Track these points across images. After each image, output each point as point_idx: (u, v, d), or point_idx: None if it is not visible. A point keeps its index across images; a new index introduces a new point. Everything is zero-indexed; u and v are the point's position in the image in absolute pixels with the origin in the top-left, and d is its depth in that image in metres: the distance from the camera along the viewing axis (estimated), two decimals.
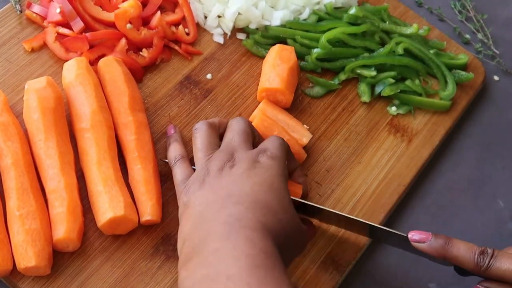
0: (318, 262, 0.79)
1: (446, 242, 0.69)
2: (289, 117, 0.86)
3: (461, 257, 0.68)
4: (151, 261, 0.75)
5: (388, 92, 0.92)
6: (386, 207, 0.85)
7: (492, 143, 0.97)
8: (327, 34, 0.92)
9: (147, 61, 0.87)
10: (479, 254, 0.67)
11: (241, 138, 0.72)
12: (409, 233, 0.71)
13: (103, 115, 0.77)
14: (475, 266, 0.67)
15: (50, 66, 0.84)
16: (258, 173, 0.67)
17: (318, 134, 0.88)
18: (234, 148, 0.71)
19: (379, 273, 0.83)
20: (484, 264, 0.67)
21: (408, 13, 1.04)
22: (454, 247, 0.69)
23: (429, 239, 0.70)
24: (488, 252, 0.67)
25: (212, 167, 0.69)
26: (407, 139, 0.91)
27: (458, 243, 0.69)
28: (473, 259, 0.67)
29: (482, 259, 0.67)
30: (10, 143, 0.73)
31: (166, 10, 0.93)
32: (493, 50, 1.06)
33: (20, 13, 0.88)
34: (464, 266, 0.68)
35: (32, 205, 0.70)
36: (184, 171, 0.73)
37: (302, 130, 0.85)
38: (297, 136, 0.84)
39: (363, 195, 0.85)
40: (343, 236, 0.81)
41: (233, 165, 0.69)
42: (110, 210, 0.71)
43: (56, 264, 0.72)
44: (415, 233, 0.71)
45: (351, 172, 0.86)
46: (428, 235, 0.70)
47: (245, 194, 0.65)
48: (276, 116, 0.85)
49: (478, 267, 0.67)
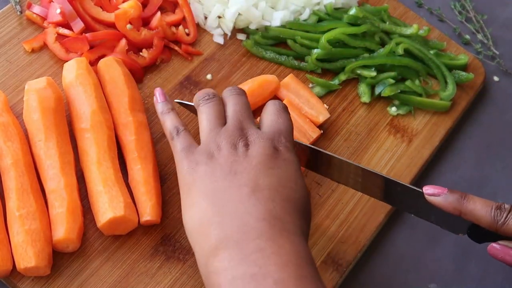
0: (318, 262, 0.79)
1: (462, 196, 0.67)
2: (311, 94, 0.89)
3: (477, 211, 0.66)
4: (151, 262, 0.75)
5: (388, 92, 0.92)
6: (386, 207, 0.85)
7: (492, 144, 0.97)
8: (327, 34, 0.92)
9: (147, 61, 0.87)
10: (495, 208, 0.65)
11: (245, 109, 0.70)
12: (423, 187, 0.69)
13: (103, 116, 0.77)
14: (491, 221, 0.65)
15: (50, 66, 0.85)
16: (281, 165, 0.65)
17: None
18: (242, 122, 0.68)
19: (379, 273, 0.83)
20: (501, 219, 0.65)
21: (408, 13, 1.04)
22: (470, 201, 0.66)
23: (444, 193, 0.68)
24: (505, 207, 0.65)
25: (222, 142, 0.66)
26: (407, 140, 0.91)
27: (474, 198, 0.67)
28: (490, 214, 0.65)
29: (499, 214, 0.65)
30: (10, 144, 0.73)
31: (166, 10, 0.93)
32: (493, 51, 1.06)
33: (20, 13, 0.88)
34: (480, 221, 0.66)
35: (32, 206, 0.70)
36: (187, 141, 0.69)
37: (321, 108, 0.88)
38: (314, 114, 0.87)
39: (363, 195, 0.84)
40: (343, 236, 0.81)
41: (247, 144, 0.66)
42: (110, 211, 0.71)
43: (56, 265, 0.72)
44: (429, 187, 0.69)
45: None
46: (443, 189, 0.68)
47: (275, 190, 0.63)
48: (298, 91, 0.88)
49: (495, 221, 0.65)
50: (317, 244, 0.80)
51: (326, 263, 0.79)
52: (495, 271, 0.85)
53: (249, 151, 0.65)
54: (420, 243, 0.86)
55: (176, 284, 0.74)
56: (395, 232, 0.86)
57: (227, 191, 0.62)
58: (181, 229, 0.77)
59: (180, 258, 0.75)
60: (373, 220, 0.83)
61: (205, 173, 0.64)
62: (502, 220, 0.65)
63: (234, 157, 0.65)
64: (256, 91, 0.86)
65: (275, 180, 0.64)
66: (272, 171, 0.64)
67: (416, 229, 0.87)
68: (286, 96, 0.88)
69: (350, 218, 0.83)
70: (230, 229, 0.60)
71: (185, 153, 0.67)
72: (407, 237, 0.86)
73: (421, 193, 0.69)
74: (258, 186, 0.62)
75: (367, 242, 0.82)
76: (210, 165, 0.65)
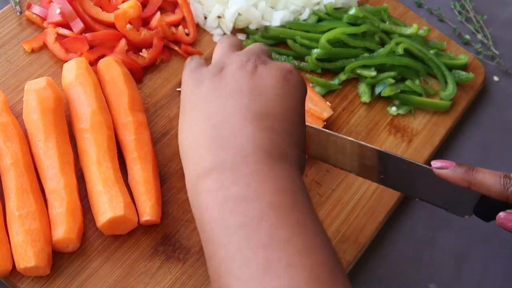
0: None
1: (470, 168, 0.67)
2: (313, 92, 0.89)
3: (486, 182, 0.66)
4: (151, 262, 0.75)
5: (388, 92, 0.92)
6: (386, 207, 0.85)
7: (492, 144, 0.97)
8: (327, 34, 0.92)
9: (147, 61, 0.87)
10: (504, 177, 0.66)
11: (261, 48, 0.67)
12: (431, 162, 0.69)
13: (102, 116, 0.77)
14: (502, 189, 0.65)
15: (50, 66, 0.85)
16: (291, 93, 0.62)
17: None
18: (259, 52, 0.65)
19: (379, 273, 0.83)
20: (511, 186, 0.65)
21: (408, 13, 1.04)
22: (479, 172, 0.67)
23: (453, 165, 0.68)
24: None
25: (233, 59, 0.63)
26: (407, 139, 0.91)
27: (483, 169, 0.67)
28: (500, 182, 0.66)
29: (508, 181, 0.66)
30: (10, 144, 0.73)
31: (166, 10, 0.93)
32: (493, 51, 1.06)
33: (20, 14, 0.88)
34: (491, 190, 0.66)
35: (32, 206, 0.70)
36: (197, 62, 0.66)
37: (324, 105, 0.88)
38: (318, 110, 0.87)
39: (363, 195, 0.84)
40: (343, 236, 0.81)
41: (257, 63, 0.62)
42: (109, 210, 0.71)
43: (56, 264, 0.72)
44: (437, 161, 0.68)
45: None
46: (451, 162, 0.68)
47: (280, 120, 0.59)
48: None
49: (505, 189, 0.65)
50: None
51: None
52: (495, 271, 0.85)
53: (258, 70, 0.62)
54: (420, 243, 0.86)
55: (176, 284, 0.74)
56: (395, 232, 0.86)
57: (230, 115, 0.59)
58: (181, 229, 0.77)
59: (180, 258, 0.75)
60: (373, 220, 0.83)
61: (208, 90, 0.61)
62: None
63: (242, 72, 0.61)
64: None
65: (280, 109, 0.60)
66: (280, 100, 0.61)
67: (416, 229, 0.87)
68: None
69: (350, 218, 0.83)
70: (226, 154, 0.57)
71: (192, 72, 0.64)
72: (407, 237, 0.86)
73: (428, 170, 0.69)
74: (262, 113, 0.59)
75: (367, 242, 0.82)
76: (216, 80, 0.61)
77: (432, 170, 0.69)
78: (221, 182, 0.56)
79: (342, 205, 0.84)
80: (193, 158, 0.59)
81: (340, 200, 0.84)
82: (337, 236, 0.81)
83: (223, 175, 0.56)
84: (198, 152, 0.59)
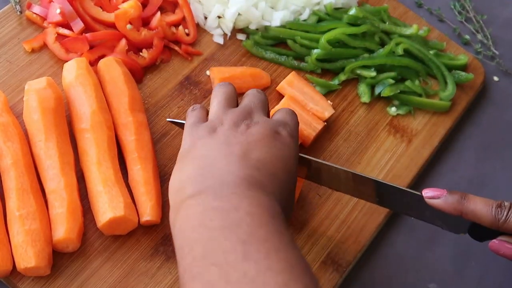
0: (318, 262, 0.79)
1: (462, 196, 0.67)
2: (315, 91, 0.89)
3: (479, 211, 0.66)
4: (151, 262, 0.75)
5: (388, 92, 0.92)
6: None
7: (492, 144, 0.97)
8: (327, 34, 0.92)
9: (147, 61, 0.87)
10: (496, 207, 0.66)
11: (260, 104, 0.71)
12: (422, 190, 0.69)
13: (103, 116, 0.77)
14: (493, 219, 0.66)
15: (50, 66, 0.85)
16: (278, 146, 0.66)
17: (318, 135, 0.88)
18: (252, 110, 0.69)
19: (379, 273, 0.83)
20: (503, 217, 0.65)
21: (408, 13, 1.04)
22: (470, 201, 0.67)
23: (444, 195, 0.68)
24: (505, 205, 0.66)
25: (227, 119, 0.67)
26: (407, 140, 0.92)
27: (474, 197, 0.67)
28: (491, 212, 0.66)
29: (500, 212, 0.66)
30: (10, 144, 0.73)
31: (166, 10, 0.93)
32: (492, 51, 1.06)
33: (20, 13, 0.88)
34: (482, 220, 0.66)
35: (32, 206, 0.70)
36: (199, 115, 0.71)
37: (326, 104, 0.88)
38: (320, 110, 0.87)
39: None
40: (343, 236, 0.81)
41: (250, 125, 0.67)
42: (110, 211, 0.71)
43: (56, 265, 0.72)
44: (428, 190, 0.69)
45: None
46: (442, 191, 0.68)
47: (264, 163, 0.63)
48: (302, 88, 0.88)
49: (496, 220, 0.66)
50: (317, 244, 0.80)
51: (326, 263, 0.79)
52: (495, 271, 0.85)
53: (249, 130, 0.66)
54: (420, 243, 0.86)
55: (176, 284, 0.74)
56: (395, 232, 0.86)
57: (215, 158, 0.63)
58: None
59: None
60: (372, 220, 0.83)
61: (201, 145, 0.65)
62: (503, 218, 0.65)
63: (233, 132, 0.66)
64: (246, 78, 0.89)
65: (267, 156, 0.64)
66: (266, 149, 0.65)
67: (416, 229, 0.87)
68: (290, 93, 0.88)
69: (350, 218, 0.83)
70: (209, 183, 0.60)
71: (191, 129, 0.68)
72: (407, 237, 0.86)
73: (420, 196, 0.69)
74: (247, 156, 0.63)
75: (367, 242, 0.82)
76: (208, 140, 0.66)
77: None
78: (202, 199, 0.58)
79: (342, 205, 0.84)
80: (178, 191, 0.62)
81: (340, 200, 0.84)
82: (337, 236, 0.81)
83: (204, 194, 0.59)
84: (183, 186, 0.62)
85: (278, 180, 0.63)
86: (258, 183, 0.61)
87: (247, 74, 0.89)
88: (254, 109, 0.70)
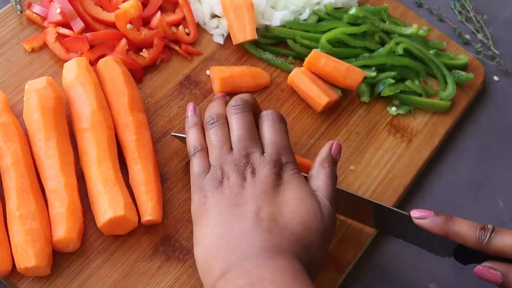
0: None
1: (447, 218, 0.71)
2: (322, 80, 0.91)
3: (463, 233, 0.70)
4: (151, 262, 0.75)
5: (388, 92, 0.92)
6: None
7: (492, 144, 0.97)
8: (327, 34, 0.92)
9: (147, 61, 0.87)
10: (480, 229, 0.70)
11: (249, 135, 0.72)
12: (410, 211, 0.73)
13: (103, 115, 0.77)
14: (476, 241, 0.69)
15: (50, 66, 0.85)
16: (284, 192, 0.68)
17: (318, 135, 0.88)
18: (247, 150, 0.71)
19: (379, 273, 0.83)
20: (486, 238, 0.69)
21: (408, 13, 1.04)
22: (455, 223, 0.71)
23: (431, 216, 0.72)
24: (488, 227, 0.70)
25: (229, 171, 0.69)
26: (407, 140, 0.92)
27: (459, 220, 0.71)
28: (475, 234, 0.69)
29: (483, 234, 0.69)
30: (10, 143, 0.73)
31: (167, 10, 0.93)
32: (493, 51, 1.06)
33: (21, 13, 0.88)
34: (466, 241, 0.70)
35: (32, 205, 0.70)
36: (202, 163, 0.72)
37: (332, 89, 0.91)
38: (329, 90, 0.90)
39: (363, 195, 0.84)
40: (343, 236, 0.81)
41: (253, 171, 0.69)
42: (110, 210, 0.71)
43: (56, 264, 0.72)
44: (416, 211, 0.73)
45: (351, 173, 0.86)
46: (429, 212, 0.72)
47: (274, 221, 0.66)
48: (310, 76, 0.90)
49: (480, 241, 0.69)
50: None
51: (326, 263, 0.79)
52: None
53: (254, 179, 0.69)
54: None
55: (176, 284, 0.74)
56: None
57: (231, 225, 0.66)
58: (181, 229, 0.77)
59: (180, 258, 0.75)
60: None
61: (212, 206, 0.68)
62: (486, 240, 0.69)
63: (239, 188, 0.68)
64: (246, 77, 0.89)
65: (275, 208, 0.67)
66: (274, 199, 0.67)
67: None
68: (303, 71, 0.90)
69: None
70: (232, 260, 0.63)
71: (197, 183, 0.70)
72: None
73: (408, 216, 0.73)
74: (258, 217, 0.66)
75: (368, 242, 0.82)
76: (216, 195, 0.68)
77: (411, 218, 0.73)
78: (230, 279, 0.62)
79: None
80: (206, 271, 0.65)
81: None
82: (337, 236, 0.81)
83: (229, 273, 0.62)
84: (209, 265, 0.65)
85: (290, 234, 0.66)
86: (274, 247, 0.64)
87: (247, 74, 0.89)
88: (248, 146, 0.71)
